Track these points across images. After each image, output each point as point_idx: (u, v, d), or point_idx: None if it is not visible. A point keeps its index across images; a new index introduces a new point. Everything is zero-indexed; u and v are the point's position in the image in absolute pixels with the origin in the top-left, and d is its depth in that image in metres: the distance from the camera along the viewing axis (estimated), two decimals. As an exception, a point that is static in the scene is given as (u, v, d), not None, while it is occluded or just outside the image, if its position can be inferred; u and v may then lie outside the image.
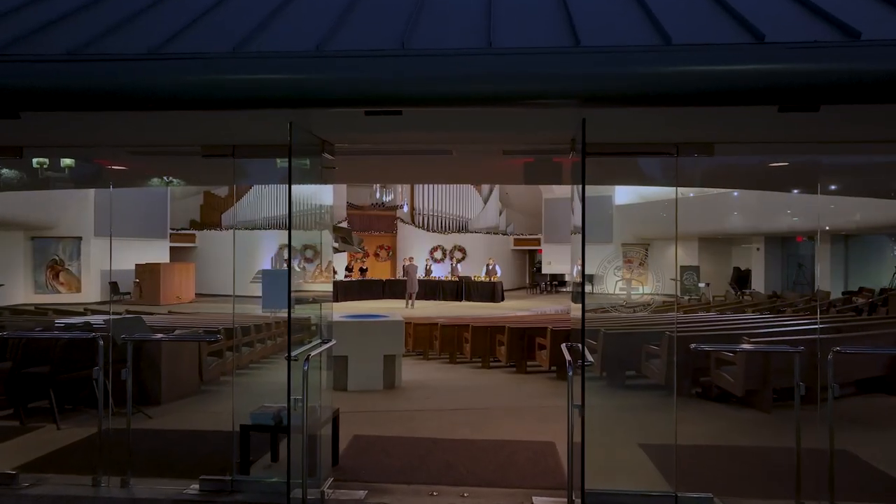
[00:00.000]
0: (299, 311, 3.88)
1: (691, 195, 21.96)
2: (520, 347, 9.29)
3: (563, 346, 3.90)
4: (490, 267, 23.21)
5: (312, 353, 3.54)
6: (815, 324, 8.09)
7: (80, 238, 21.00)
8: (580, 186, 3.65)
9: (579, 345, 3.70)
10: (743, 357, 6.14)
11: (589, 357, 3.24)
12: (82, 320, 7.67)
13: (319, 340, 3.99)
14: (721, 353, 6.41)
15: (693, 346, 3.93)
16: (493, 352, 10.07)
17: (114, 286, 21.53)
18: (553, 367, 8.70)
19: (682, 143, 3.91)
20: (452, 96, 3.18)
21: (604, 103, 3.18)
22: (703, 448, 5.09)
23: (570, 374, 3.36)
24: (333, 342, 4.07)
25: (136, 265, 21.10)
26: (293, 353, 3.38)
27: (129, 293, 21.30)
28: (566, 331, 8.57)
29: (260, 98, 3.26)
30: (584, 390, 3.21)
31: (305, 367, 3.40)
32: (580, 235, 3.58)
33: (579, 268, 3.47)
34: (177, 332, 7.28)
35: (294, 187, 3.56)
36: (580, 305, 3.46)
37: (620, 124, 3.73)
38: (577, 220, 3.74)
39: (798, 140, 3.96)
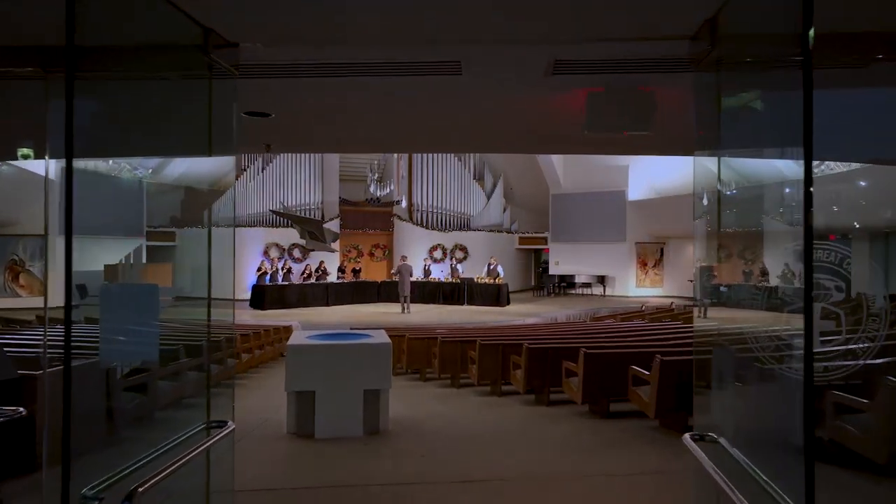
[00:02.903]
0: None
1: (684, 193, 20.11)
2: (541, 372, 7.31)
3: (688, 438, 1.94)
4: (491, 267, 21.06)
5: (143, 489, 1.53)
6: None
7: (43, 236, 19.12)
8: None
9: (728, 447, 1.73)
10: (883, 402, 4.19)
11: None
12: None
13: (189, 431, 1.99)
14: (842, 397, 4.46)
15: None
16: (504, 374, 8.11)
17: (82, 289, 19.63)
18: (585, 402, 6.72)
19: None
20: None
21: None
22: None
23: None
24: (231, 427, 2.09)
25: (106, 266, 19.18)
26: (90, 490, 1.40)
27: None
28: (603, 356, 6.58)
29: None
30: None
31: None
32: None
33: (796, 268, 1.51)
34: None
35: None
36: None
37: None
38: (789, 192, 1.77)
39: None
